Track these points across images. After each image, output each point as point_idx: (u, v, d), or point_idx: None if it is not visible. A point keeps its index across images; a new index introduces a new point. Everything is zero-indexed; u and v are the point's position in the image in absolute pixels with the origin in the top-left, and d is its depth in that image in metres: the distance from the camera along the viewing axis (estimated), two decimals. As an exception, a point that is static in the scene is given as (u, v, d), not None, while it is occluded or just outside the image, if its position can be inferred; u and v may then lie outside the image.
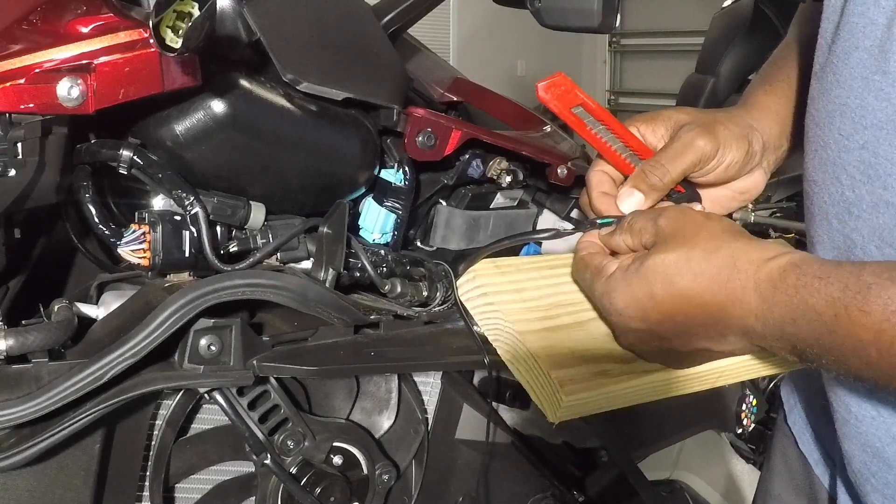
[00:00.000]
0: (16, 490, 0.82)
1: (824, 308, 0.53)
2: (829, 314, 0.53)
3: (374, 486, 1.03)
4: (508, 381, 1.12)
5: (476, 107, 1.35)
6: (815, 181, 0.63)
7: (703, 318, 0.61)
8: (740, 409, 1.45)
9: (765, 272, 0.58)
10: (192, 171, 0.93)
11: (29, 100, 0.74)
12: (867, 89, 0.56)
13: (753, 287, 0.58)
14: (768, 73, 0.83)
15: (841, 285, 0.53)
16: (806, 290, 0.55)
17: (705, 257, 0.61)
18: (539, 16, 1.03)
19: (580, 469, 1.19)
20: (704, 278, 0.61)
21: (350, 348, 0.96)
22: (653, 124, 0.75)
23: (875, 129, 0.56)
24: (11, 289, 0.93)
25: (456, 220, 1.17)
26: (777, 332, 0.57)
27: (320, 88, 0.97)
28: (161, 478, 0.91)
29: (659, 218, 0.66)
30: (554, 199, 1.27)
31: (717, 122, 0.74)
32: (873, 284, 0.51)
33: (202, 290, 0.84)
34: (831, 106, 0.60)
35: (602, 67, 7.85)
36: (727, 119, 0.76)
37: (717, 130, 0.74)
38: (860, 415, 0.61)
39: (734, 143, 0.74)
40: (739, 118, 0.77)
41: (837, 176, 0.60)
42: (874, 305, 0.51)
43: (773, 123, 0.78)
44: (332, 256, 0.98)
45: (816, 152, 0.62)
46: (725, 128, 0.74)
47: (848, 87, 0.58)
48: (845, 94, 0.58)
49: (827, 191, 0.61)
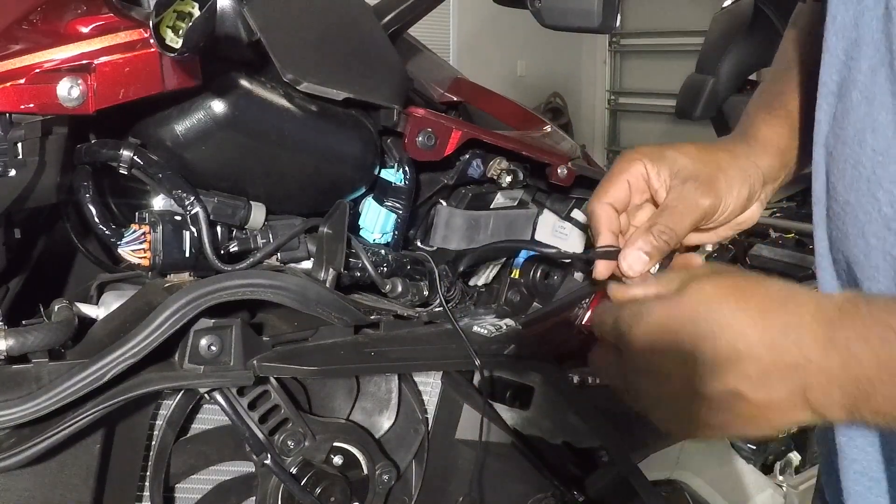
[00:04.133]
0: (16, 490, 0.82)
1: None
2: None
3: (374, 486, 1.03)
4: (508, 381, 1.12)
5: (476, 107, 1.35)
6: (847, 201, 0.60)
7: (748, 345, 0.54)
8: (740, 409, 1.45)
9: (829, 301, 0.53)
10: (193, 171, 0.93)
11: (29, 100, 0.74)
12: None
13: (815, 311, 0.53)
14: (768, 99, 0.81)
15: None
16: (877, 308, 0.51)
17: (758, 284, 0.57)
18: (539, 16, 1.03)
19: (580, 469, 1.19)
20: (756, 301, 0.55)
21: (350, 348, 0.96)
22: (658, 166, 0.72)
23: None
24: (11, 289, 0.93)
25: (456, 220, 1.17)
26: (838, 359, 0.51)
27: (320, 88, 0.97)
28: (161, 478, 0.91)
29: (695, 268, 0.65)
30: (554, 199, 1.27)
31: (719, 172, 0.73)
32: None
33: (202, 291, 0.84)
34: (861, 124, 0.58)
35: (602, 67, 7.85)
36: (729, 163, 0.74)
37: (718, 184, 0.72)
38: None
39: (735, 190, 0.73)
40: (742, 157, 0.75)
41: (874, 193, 0.58)
42: None
43: (774, 158, 0.77)
44: (333, 256, 0.98)
45: (846, 171, 0.60)
46: (727, 176, 0.73)
47: (879, 103, 0.57)
48: (876, 110, 0.57)
49: (862, 209, 0.59)
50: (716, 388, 0.55)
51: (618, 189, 0.73)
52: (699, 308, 0.57)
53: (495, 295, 1.24)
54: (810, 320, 0.53)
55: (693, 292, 0.58)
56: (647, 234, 0.69)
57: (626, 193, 0.73)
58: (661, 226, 0.70)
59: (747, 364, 0.54)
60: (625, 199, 0.73)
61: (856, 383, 0.50)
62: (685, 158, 0.73)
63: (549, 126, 1.31)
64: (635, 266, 0.68)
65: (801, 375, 0.52)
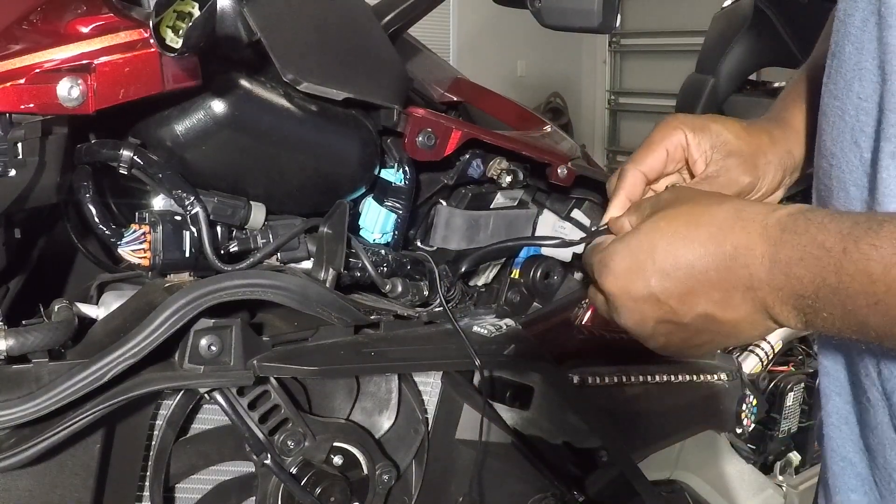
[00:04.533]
0: (16, 490, 0.82)
1: (833, 243, 0.51)
2: (837, 249, 0.51)
3: (374, 486, 1.03)
4: (508, 381, 1.12)
5: (476, 107, 1.35)
6: (832, 154, 0.62)
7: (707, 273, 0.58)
8: (740, 409, 1.45)
9: (773, 218, 0.56)
10: (193, 171, 0.93)
11: (29, 100, 0.74)
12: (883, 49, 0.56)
13: (760, 232, 0.56)
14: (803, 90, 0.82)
15: (851, 222, 0.51)
16: (815, 228, 0.53)
17: (709, 208, 0.59)
18: (539, 16, 1.03)
19: (580, 469, 1.19)
20: (708, 228, 0.58)
21: (350, 348, 0.96)
22: (700, 136, 0.74)
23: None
24: (11, 289, 0.93)
25: (456, 220, 1.17)
26: (782, 276, 0.54)
27: (320, 88, 0.97)
28: (161, 478, 0.91)
29: (661, 194, 0.66)
30: (554, 199, 1.27)
31: (760, 153, 0.74)
32: (886, 221, 0.50)
33: (202, 291, 0.84)
34: (850, 74, 0.59)
35: (602, 67, 7.84)
36: (770, 146, 0.75)
37: (759, 163, 0.74)
38: None
39: (771, 175, 0.75)
40: (780, 143, 0.77)
41: (856, 139, 0.59)
42: (885, 240, 0.49)
43: (804, 149, 0.78)
44: (333, 256, 0.98)
45: (835, 123, 0.61)
46: (767, 159, 0.75)
47: (867, 51, 0.58)
48: (864, 59, 0.58)
49: (845, 159, 0.60)
50: (689, 315, 0.60)
51: (655, 158, 0.74)
52: (656, 245, 0.60)
53: (495, 295, 1.24)
54: (756, 240, 0.56)
55: (648, 230, 0.61)
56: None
57: (662, 163, 0.74)
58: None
59: (710, 289, 0.58)
60: (660, 168, 0.74)
61: (802, 300, 0.54)
62: (729, 133, 0.74)
63: (549, 126, 1.31)
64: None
65: (757, 294, 0.57)
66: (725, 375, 1.42)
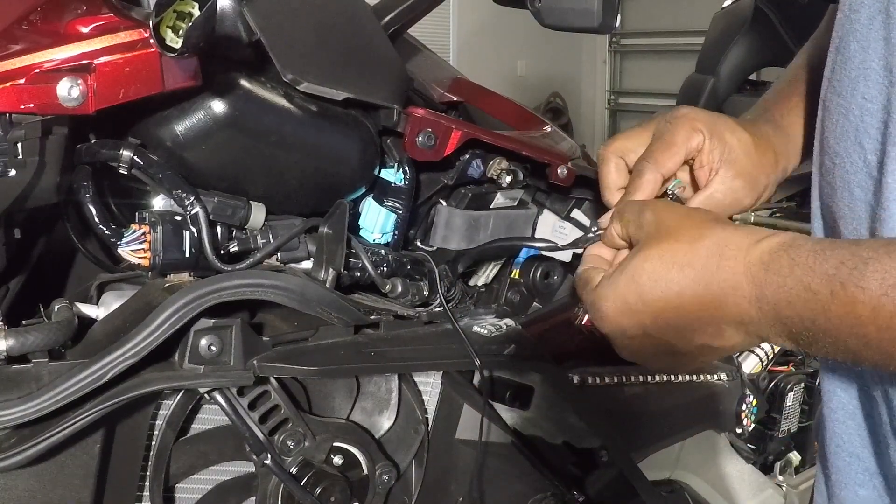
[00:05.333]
0: (16, 490, 0.82)
1: (820, 286, 0.52)
2: (824, 292, 0.51)
3: (374, 486, 1.03)
4: (508, 381, 1.12)
5: (476, 107, 1.35)
6: (836, 153, 0.61)
7: (698, 312, 0.59)
8: (740, 409, 1.45)
9: (755, 255, 0.56)
10: (193, 171, 0.93)
11: (29, 100, 0.74)
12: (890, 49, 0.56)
13: (744, 272, 0.56)
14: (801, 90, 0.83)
15: (836, 261, 0.51)
16: (800, 269, 0.53)
17: (691, 248, 0.60)
18: (539, 16, 1.03)
19: (580, 469, 1.19)
20: (693, 270, 0.59)
21: (350, 348, 0.96)
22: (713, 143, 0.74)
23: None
24: (11, 289, 0.93)
25: (456, 220, 1.17)
26: (772, 316, 0.55)
27: (320, 88, 0.97)
28: (161, 478, 0.91)
29: (643, 212, 0.66)
30: (554, 199, 1.27)
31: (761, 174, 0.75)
32: (870, 259, 0.50)
33: (202, 291, 0.84)
34: (855, 73, 0.59)
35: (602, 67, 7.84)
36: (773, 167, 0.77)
37: (760, 185, 0.75)
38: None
39: (767, 191, 0.77)
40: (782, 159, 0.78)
41: (860, 141, 0.58)
42: (871, 281, 0.49)
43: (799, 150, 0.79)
44: (333, 256, 0.98)
45: (838, 122, 0.61)
46: (767, 179, 0.76)
47: (873, 50, 0.57)
48: (870, 58, 0.58)
49: (849, 159, 0.60)
50: (686, 347, 0.62)
51: (676, 161, 0.73)
52: (643, 288, 0.61)
53: (495, 295, 1.24)
54: (742, 280, 0.57)
55: (634, 272, 0.62)
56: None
57: (677, 164, 0.74)
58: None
59: (703, 325, 0.60)
60: (675, 169, 0.74)
61: (794, 335, 0.55)
62: (740, 150, 0.75)
63: (549, 126, 1.31)
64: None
65: (750, 328, 0.58)
66: (725, 375, 1.42)
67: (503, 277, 1.26)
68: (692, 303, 0.59)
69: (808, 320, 0.53)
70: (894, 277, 0.49)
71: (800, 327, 0.54)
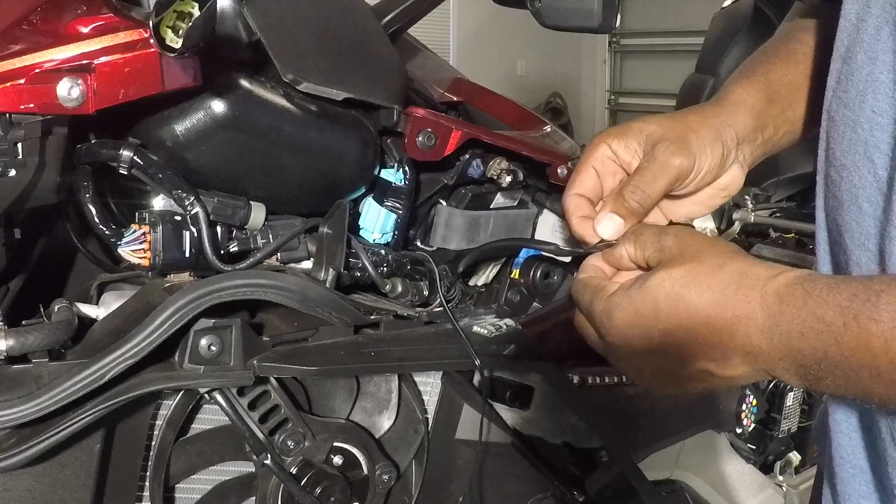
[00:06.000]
0: (16, 490, 0.82)
1: (833, 318, 0.52)
2: (837, 324, 0.52)
3: (374, 486, 1.03)
4: (508, 381, 1.12)
5: (476, 107, 1.35)
6: (843, 165, 0.61)
7: (708, 336, 0.59)
8: (740, 409, 1.45)
9: (772, 287, 0.57)
10: (193, 171, 0.93)
11: (29, 100, 0.74)
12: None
13: (760, 302, 0.57)
14: (746, 68, 0.81)
15: (850, 294, 0.52)
16: (814, 301, 0.54)
17: (712, 273, 0.60)
18: (539, 16, 1.03)
19: (580, 469, 1.19)
20: (711, 294, 0.59)
21: (350, 348, 0.96)
22: (624, 139, 0.72)
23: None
24: (11, 289, 0.93)
25: (456, 220, 1.17)
26: (783, 348, 0.55)
27: (320, 88, 0.97)
28: (161, 478, 0.91)
29: (664, 236, 0.65)
30: (554, 199, 1.27)
31: (689, 132, 0.73)
32: (883, 292, 0.50)
33: (202, 291, 0.84)
34: (863, 85, 0.58)
35: (602, 67, 7.84)
36: (699, 123, 0.74)
37: (690, 142, 0.72)
38: None
39: (708, 148, 0.73)
40: (712, 117, 0.75)
41: (870, 155, 0.58)
42: (884, 313, 0.49)
43: (748, 117, 0.76)
44: (333, 256, 0.98)
45: (845, 134, 0.60)
46: (698, 135, 0.73)
47: (881, 62, 0.57)
48: (878, 70, 0.57)
49: (857, 173, 0.59)
50: (687, 371, 0.62)
51: (585, 178, 0.73)
52: (659, 305, 0.61)
53: (495, 295, 1.24)
54: (757, 310, 0.57)
55: (653, 289, 0.62)
56: (619, 197, 0.70)
57: (594, 181, 0.73)
58: (632, 186, 0.70)
59: (710, 350, 0.59)
60: (594, 186, 0.73)
61: (803, 369, 0.55)
62: (652, 125, 0.73)
63: (549, 126, 1.31)
64: (608, 229, 0.70)
65: (757, 360, 0.58)
66: (725, 375, 1.41)
67: (503, 277, 1.26)
68: (705, 325, 0.59)
69: (819, 352, 0.53)
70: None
71: (811, 360, 0.54)
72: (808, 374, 0.55)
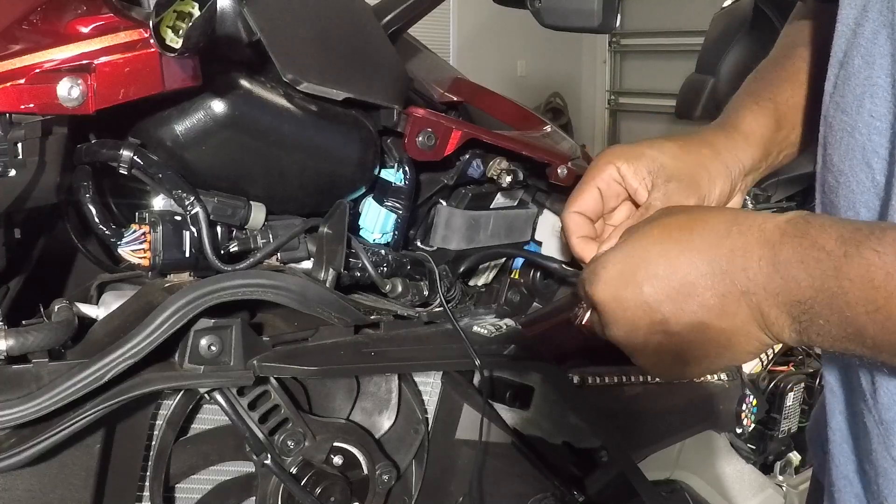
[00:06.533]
0: (16, 490, 0.82)
1: (834, 245, 0.50)
2: (838, 253, 0.50)
3: (374, 486, 1.03)
4: (508, 381, 1.12)
5: (476, 107, 1.35)
6: (840, 171, 0.60)
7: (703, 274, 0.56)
8: (740, 409, 1.45)
9: (772, 223, 0.55)
10: (193, 171, 0.93)
11: (29, 100, 0.74)
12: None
13: (758, 236, 0.55)
14: (754, 89, 0.81)
15: (853, 226, 0.50)
16: (815, 230, 0.52)
17: (703, 217, 0.58)
18: (539, 16, 1.03)
19: (580, 469, 1.19)
20: (704, 233, 0.57)
21: (350, 348, 0.96)
22: (635, 165, 0.71)
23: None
24: (11, 289, 0.93)
25: (456, 220, 1.17)
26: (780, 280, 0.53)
27: (320, 88, 0.97)
28: (161, 478, 0.91)
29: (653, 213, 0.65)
30: (554, 199, 1.27)
31: (700, 170, 0.72)
32: (889, 228, 0.49)
33: (202, 291, 0.84)
34: (860, 89, 0.58)
35: (602, 67, 7.84)
36: (711, 159, 0.73)
37: (701, 182, 0.71)
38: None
39: (718, 187, 0.73)
40: (723, 152, 0.74)
41: (868, 161, 0.57)
42: (888, 245, 0.48)
43: (757, 150, 0.76)
44: (333, 256, 0.98)
45: (843, 140, 0.60)
46: (709, 174, 0.72)
47: (878, 66, 0.56)
48: (876, 74, 0.56)
49: (855, 178, 0.59)
50: (682, 321, 0.58)
51: (587, 197, 0.72)
52: (649, 251, 0.59)
53: (495, 295, 1.24)
54: (754, 243, 0.54)
55: (640, 237, 0.60)
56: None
57: (596, 201, 0.72)
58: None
59: (704, 293, 0.56)
60: (595, 206, 0.72)
61: (799, 306, 0.52)
62: (665, 157, 0.71)
63: (549, 126, 1.31)
64: None
65: (752, 300, 0.55)
66: (725, 375, 1.42)
67: (503, 277, 1.26)
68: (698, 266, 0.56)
69: (817, 281, 0.51)
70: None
71: (808, 292, 0.51)
72: (802, 312, 0.52)
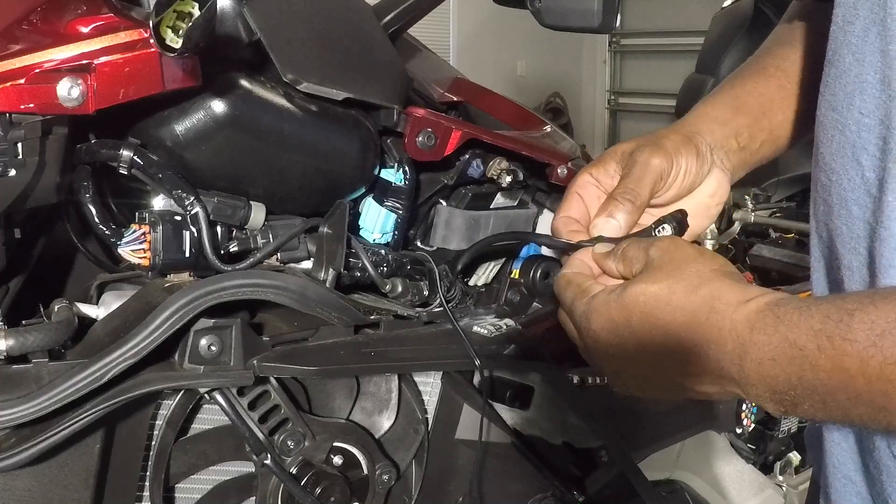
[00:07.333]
0: (16, 490, 0.82)
1: (806, 341, 0.51)
2: (811, 347, 0.51)
3: (374, 487, 1.03)
4: (508, 381, 1.12)
5: (476, 107, 1.35)
6: (832, 169, 0.61)
7: (680, 355, 0.60)
8: (740, 409, 1.45)
9: (742, 314, 0.56)
10: (193, 171, 0.93)
11: (29, 100, 0.74)
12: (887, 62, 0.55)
13: (730, 329, 0.56)
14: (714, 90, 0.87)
15: (822, 316, 0.51)
16: (785, 326, 0.53)
17: (686, 295, 0.60)
18: (539, 16, 1.03)
19: (580, 469, 1.19)
20: (683, 315, 0.59)
21: (350, 348, 0.96)
22: (603, 165, 0.77)
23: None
24: (11, 289, 0.93)
25: (456, 220, 1.17)
26: (755, 375, 0.55)
27: (320, 88, 0.97)
28: (161, 478, 0.91)
29: (651, 248, 0.66)
30: (554, 199, 1.27)
31: (661, 138, 0.77)
32: (856, 311, 0.49)
33: (202, 291, 0.84)
34: (851, 87, 0.58)
35: (602, 67, 7.84)
36: (669, 131, 0.79)
37: (664, 144, 0.76)
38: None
39: (682, 148, 0.76)
40: (679, 127, 0.80)
41: (858, 157, 0.58)
42: (858, 332, 0.48)
43: (713, 125, 0.80)
44: (333, 256, 0.98)
45: (833, 137, 0.60)
46: (670, 140, 0.77)
47: (868, 63, 0.56)
48: (866, 71, 0.57)
49: (846, 175, 0.59)
50: (663, 380, 0.63)
51: (571, 203, 0.77)
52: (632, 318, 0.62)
53: (495, 295, 1.24)
54: (726, 337, 0.57)
55: (630, 300, 0.62)
56: (610, 200, 0.74)
57: (580, 207, 0.77)
58: (620, 188, 0.74)
59: (683, 366, 0.60)
60: (579, 210, 0.77)
61: (778, 395, 0.54)
62: (624, 145, 0.78)
63: (549, 126, 1.31)
64: (605, 229, 0.73)
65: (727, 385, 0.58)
66: (725, 375, 1.41)
67: (503, 277, 1.26)
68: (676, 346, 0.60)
69: (794, 377, 0.52)
70: (881, 327, 0.48)
71: (785, 385, 0.53)
72: (784, 400, 0.54)
